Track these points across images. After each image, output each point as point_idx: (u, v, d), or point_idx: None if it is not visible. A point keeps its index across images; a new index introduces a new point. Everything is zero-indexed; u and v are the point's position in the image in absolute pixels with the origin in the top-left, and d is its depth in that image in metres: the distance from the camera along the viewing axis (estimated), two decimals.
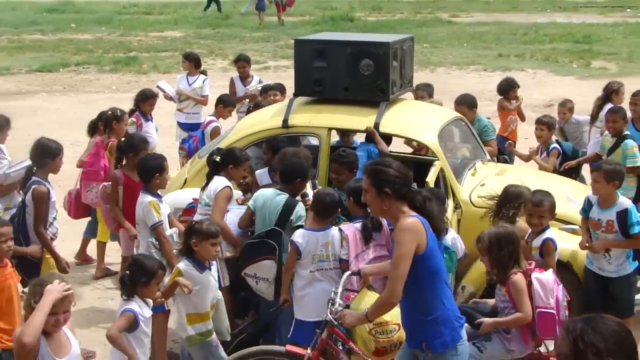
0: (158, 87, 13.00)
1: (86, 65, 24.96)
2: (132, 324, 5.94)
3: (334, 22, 33.10)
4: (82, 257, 10.23)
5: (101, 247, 9.87)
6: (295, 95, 8.86)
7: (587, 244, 7.50)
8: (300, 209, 7.22)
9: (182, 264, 6.58)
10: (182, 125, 12.99)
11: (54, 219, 7.86)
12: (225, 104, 11.33)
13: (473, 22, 34.29)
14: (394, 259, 5.28)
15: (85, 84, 22.33)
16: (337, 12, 36.49)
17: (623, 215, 7.37)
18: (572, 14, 35.50)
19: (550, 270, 6.35)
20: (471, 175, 8.57)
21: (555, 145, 10.14)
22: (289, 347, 6.24)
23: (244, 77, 13.04)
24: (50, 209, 7.74)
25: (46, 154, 7.84)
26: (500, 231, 6.30)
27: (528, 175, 9.24)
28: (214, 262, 6.92)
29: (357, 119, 8.48)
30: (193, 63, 13.19)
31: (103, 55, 26.68)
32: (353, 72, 8.48)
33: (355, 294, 6.36)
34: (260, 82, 13.05)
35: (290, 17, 35.68)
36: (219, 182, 7.54)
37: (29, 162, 8.11)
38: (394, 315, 5.89)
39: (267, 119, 8.90)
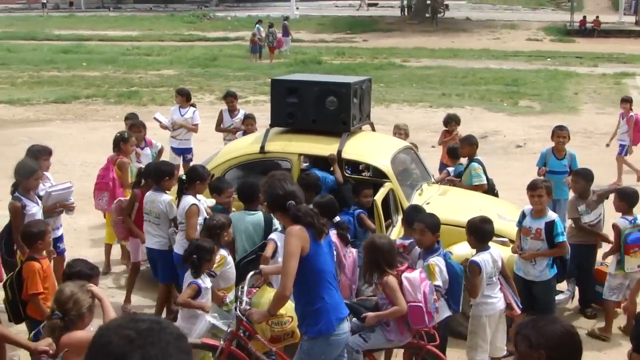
0: (155, 118, 12.92)
1: (94, 98, 24.74)
2: (196, 294, 6.46)
3: (304, 64, 33.12)
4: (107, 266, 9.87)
5: (108, 248, 9.84)
6: (271, 125, 8.83)
7: (518, 250, 7.59)
8: (276, 221, 7.22)
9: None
10: (175, 150, 12.96)
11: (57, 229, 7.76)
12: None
13: (421, 66, 34.40)
14: (284, 259, 5.41)
15: (93, 114, 22.12)
16: (307, 56, 36.53)
17: (550, 225, 7.48)
18: (503, 62, 35.75)
19: (418, 270, 6.35)
20: (418, 195, 8.57)
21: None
22: (205, 340, 6.31)
23: (232, 110, 12.99)
24: (48, 219, 7.56)
25: (22, 173, 7.68)
26: (375, 240, 6.33)
27: (465, 197, 9.27)
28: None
29: (323, 147, 8.46)
30: (185, 97, 13.11)
31: (109, 90, 26.46)
32: (320, 107, 8.47)
33: (257, 289, 6.42)
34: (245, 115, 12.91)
35: (266, 60, 35.71)
36: (186, 201, 7.51)
37: (69, 184, 8.03)
38: (288, 309, 6.02)
39: (247, 145, 8.87)
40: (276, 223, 7.29)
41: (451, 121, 12.23)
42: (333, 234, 6.85)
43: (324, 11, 62.45)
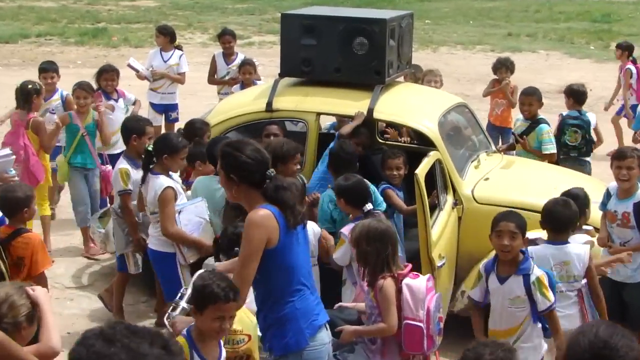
0: (129, 65, 12.96)
1: (48, 37, 24.85)
2: None
3: None
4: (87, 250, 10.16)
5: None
6: (281, 75, 8.85)
7: (606, 242, 7.57)
8: None
9: None
10: (155, 107, 13.00)
11: None
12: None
13: None
14: (240, 258, 5.25)
15: (47, 58, 22.03)
16: None
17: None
18: None
19: (425, 277, 6.18)
20: (474, 168, 8.59)
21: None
22: None
23: (228, 55, 13.00)
24: None
25: None
26: (373, 225, 6.15)
27: (536, 169, 9.28)
28: None
29: (349, 104, 8.49)
30: (168, 37, 13.12)
31: (68, 26, 26.57)
32: (345, 52, 8.48)
33: None
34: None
35: None
36: (157, 184, 7.42)
37: (8, 150, 8.16)
38: (245, 325, 5.79)
39: (249, 101, 8.91)
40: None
41: (501, 67, 12.33)
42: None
43: None
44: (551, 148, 9.81)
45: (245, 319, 5.71)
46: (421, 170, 7.28)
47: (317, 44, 8.56)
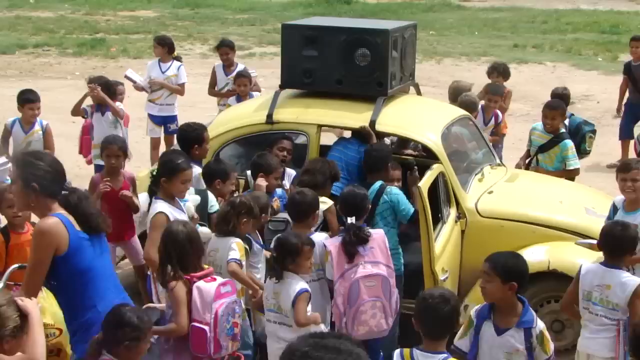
0: (126, 77, 13.03)
1: (46, 48, 24.94)
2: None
3: (328, 4, 33.13)
4: None
5: None
6: (282, 87, 8.90)
7: None
8: (212, 197, 7.71)
9: None
10: (154, 118, 13.07)
11: None
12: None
13: (486, 7, 34.36)
14: (29, 265, 5.52)
15: (44, 69, 22.31)
16: None
17: None
18: (598, 0, 35.60)
19: (219, 282, 6.27)
20: (478, 181, 8.63)
21: None
22: None
23: (227, 65, 13.06)
24: None
25: None
26: (170, 228, 6.36)
27: (542, 183, 9.32)
28: None
29: (351, 116, 8.52)
30: (166, 48, 13.17)
31: (65, 37, 26.64)
32: (347, 63, 8.52)
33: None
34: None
35: None
36: (153, 208, 7.27)
37: (4, 159, 8.23)
38: (58, 318, 6.01)
39: (249, 113, 8.95)
40: (212, 200, 7.64)
41: (493, 71, 12.38)
42: (340, 242, 6.95)
43: None
44: (575, 163, 9.89)
45: (59, 312, 5.86)
46: (424, 183, 7.32)
47: (319, 55, 8.60)
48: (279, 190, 8.06)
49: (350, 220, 7.01)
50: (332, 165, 7.94)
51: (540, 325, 5.98)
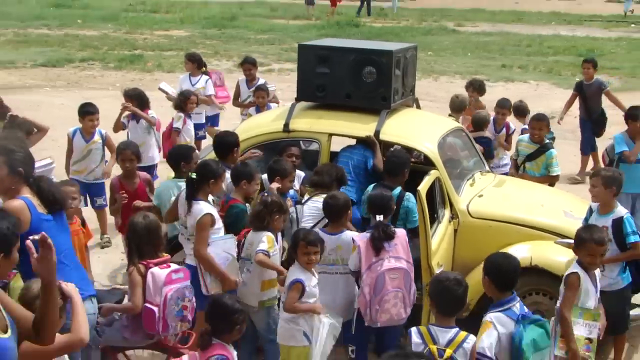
0: (160, 89, 13.07)
1: (91, 62, 25.01)
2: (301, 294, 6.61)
3: (339, 27, 33.11)
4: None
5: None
6: (298, 99, 8.88)
7: None
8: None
9: None
10: None
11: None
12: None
13: (478, 31, 34.31)
14: None
15: (89, 81, 22.36)
16: (343, 17, 36.51)
17: (618, 223, 7.45)
18: (576, 27, 35.54)
19: (171, 269, 6.46)
20: (469, 185, 8.59)
21: None
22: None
23: (250, 80, 13.08)
24: None
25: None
26: (134, 219, 6.60)
27: (526, 188, 9.27)
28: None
29: (358, 126, 8.49)
30: (196, 64, 13.26)
31: (108, 52, 26.72)
32: (355, 79, 8.50)
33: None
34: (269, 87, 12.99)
35: (297, 21, 35.71)
36: (197, 210, 7.10)
37: (49, 160, 8.18)
38: None
39: (268, 122, 8.93)
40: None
41: (469, 86, 12.30)
42: (368, 237, 6.91)
43: None
44: (558, 170, 9.97)
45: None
46: (423, 187, 7.28)
47: (330, 72, 8.58)
48: (290, 191, 8.05)
49: (379, 218, 7.02)
50: (339, 169, 7.92)
51: (491, 316, 5.65)
